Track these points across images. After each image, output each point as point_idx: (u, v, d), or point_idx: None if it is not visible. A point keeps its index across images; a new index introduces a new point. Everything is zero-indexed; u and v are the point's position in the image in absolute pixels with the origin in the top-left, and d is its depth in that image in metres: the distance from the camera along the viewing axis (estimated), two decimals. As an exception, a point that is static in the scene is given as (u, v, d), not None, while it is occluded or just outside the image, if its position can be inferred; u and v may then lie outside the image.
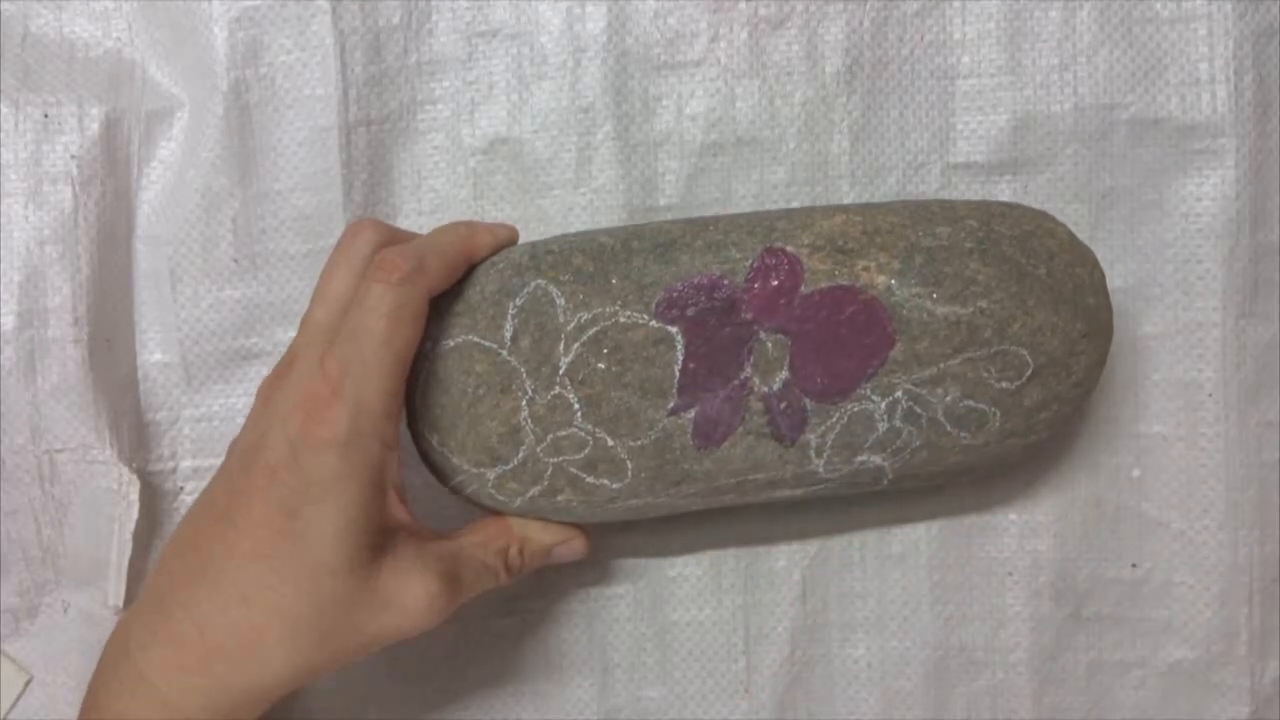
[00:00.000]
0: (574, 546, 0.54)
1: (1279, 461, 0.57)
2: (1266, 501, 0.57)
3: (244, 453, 0.46)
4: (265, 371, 0.54)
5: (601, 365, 0.49)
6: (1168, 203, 0.57)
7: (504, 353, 0.49)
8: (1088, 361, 0.50)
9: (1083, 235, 0.54)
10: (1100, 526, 0.58)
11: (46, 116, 0.55)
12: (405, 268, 0.45)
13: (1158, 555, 0.58)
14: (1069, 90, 0.57)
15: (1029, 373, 0.50)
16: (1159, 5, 0.56)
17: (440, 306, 0.49)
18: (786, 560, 0.59)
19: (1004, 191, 0.58)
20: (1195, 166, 0.56)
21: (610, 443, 0.49)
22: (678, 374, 0.49)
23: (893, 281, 0.49)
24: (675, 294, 0.49)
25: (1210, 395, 0.57)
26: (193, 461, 0.57)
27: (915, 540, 0.59)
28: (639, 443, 0.50)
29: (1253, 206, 0.56)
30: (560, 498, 0.51)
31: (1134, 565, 0.58)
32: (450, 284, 0.49)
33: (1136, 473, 0.58)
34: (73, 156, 0.55)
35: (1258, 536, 0.57)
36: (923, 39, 0.57)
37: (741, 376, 0.49)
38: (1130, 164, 0.57)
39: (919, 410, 0.50)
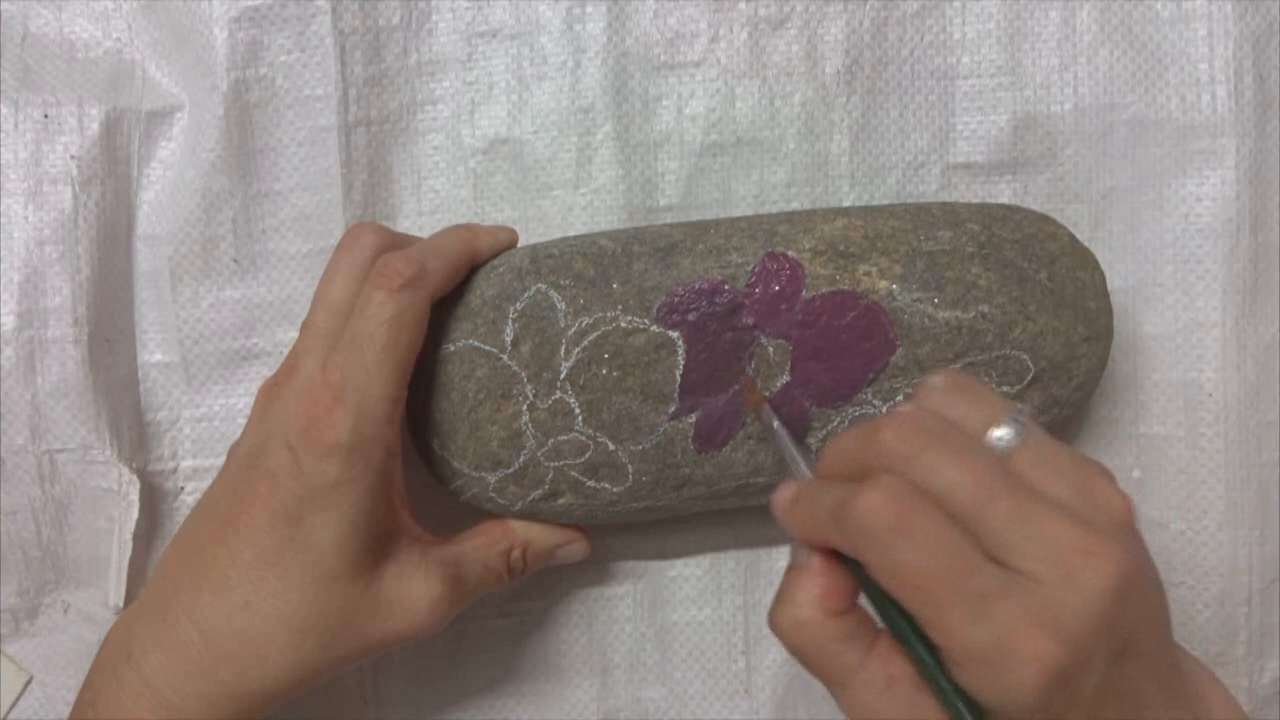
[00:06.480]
0: (576, 548, 0.54)
1: (1279, 461, 0.57)
2: (1266, 501, 0.57)
3: (245, 458, 0.46)
4: (265, 372, 0.54)
5: (602, 370, 0.49)
6: (1168, 203, 0.57)
7: (505, 358, 0.49)
8: (1088, 365, 0.50)
9: (1083, 235, 0.54)
10: (1100, 527, 0.58)
11: (46, 116, 0.55)
12: (407, 274, 0.45)
13: (1157, 556, 0.56)
14: (1069, 90, 0.57)
15: (1030, 377, 0.50)
16: (1159, 5, 0.56)
17: (441, 311, 0.49)
18: (786, 560, 0.59)
19: (1004, 192, 0.57)
20: (1195, 166, 0.56)
21: (611, 447, 0.49)
22: (679, 379, 0.49)
23: (894, 286, 0.49)
24: (676, 299, 0.49)
25: (1210, 395, 0.57)
26: (193, 461, 0.57)
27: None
28: (640, 447, 0.50)
29: (1253, 206, 0.56)
30: (561, 501, 0.51)
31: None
32: (451, 288, 0.49)
33: (1136, 473, 0.58)
34: (73, 156, 0.54)
35: (1257, 537, 0.57)
36: (923, 39, 0.57)
37: (743, 381, 0.49)
38: (1130, 164, 0.57)
39: (920, 414, 0.50)
